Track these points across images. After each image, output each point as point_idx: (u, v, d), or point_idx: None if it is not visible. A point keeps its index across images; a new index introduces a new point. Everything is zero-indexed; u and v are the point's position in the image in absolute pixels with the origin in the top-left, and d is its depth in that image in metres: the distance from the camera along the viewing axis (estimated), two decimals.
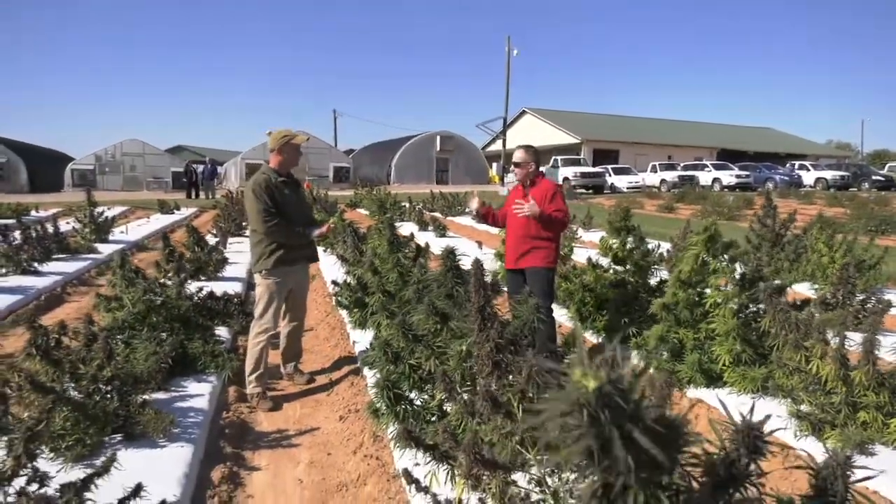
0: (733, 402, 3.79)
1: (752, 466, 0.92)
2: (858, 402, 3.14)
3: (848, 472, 1.05)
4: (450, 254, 3.04)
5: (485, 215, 4.70)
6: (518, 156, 4.53)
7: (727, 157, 41.97)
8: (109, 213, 12.95)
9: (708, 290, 4.28)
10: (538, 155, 4.67)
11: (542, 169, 4.67)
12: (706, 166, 33.57)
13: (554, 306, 6.06)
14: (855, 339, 3.29)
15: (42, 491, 2.11)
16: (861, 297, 5.38)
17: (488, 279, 3.17)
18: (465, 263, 3.66)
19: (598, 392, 0.66)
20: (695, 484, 0.91)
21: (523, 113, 50.07)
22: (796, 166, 34.58)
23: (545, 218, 4.29)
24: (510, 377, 2.61)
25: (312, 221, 4.48)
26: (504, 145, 37.30)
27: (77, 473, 2.73)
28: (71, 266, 8.43)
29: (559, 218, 4.36)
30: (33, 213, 16.39)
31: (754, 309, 4.17)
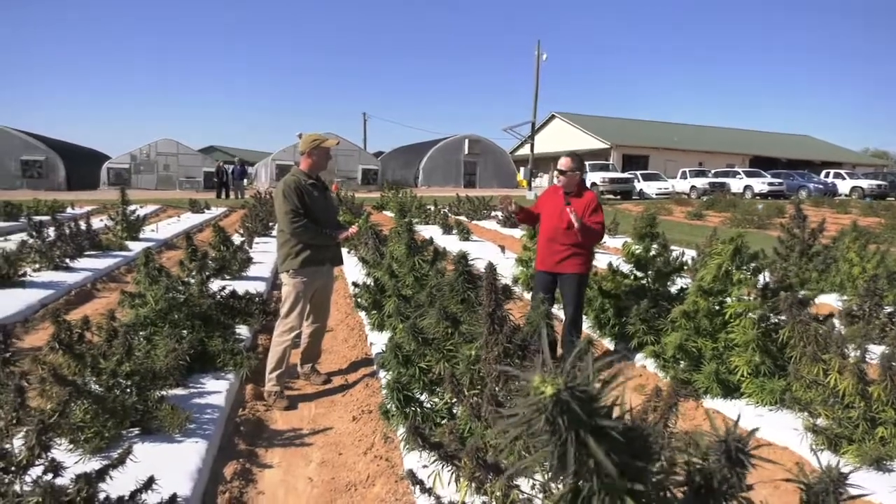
0: (750, 414, 3.74)
1: (735, 479, 0.91)
2: (877, 417, 3.07)
3: (840, 489, 1.03)
4: (462, 258, 3.06)
5: (520, 218, 4.80)
6: (564, 164, 4.54)
7: (760, 164, 41.23)
8: (141, 212, 13.25)
9: (729, 300, 4.23)
10: (583, 163, 4.72)
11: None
12: (738, 173, 33.04)
13: None
14: (878, 352, 3.22)
15: (56, 481, 2.18)
16: (889, 310, 5.25)
17: (504, 283, 3.18)
18: (480, 268, 3.67)
19: (556, 398, 0.67)
20: (679, 494, 0.91)
21: (552, 117, 49.84)
22: (831, 174, 33.83)
23: (585, 229, 4.38)
24: (518, 382, 2.62)
25: (338, 224, 4.54)
26: (532, 149, 37.25)
27: (95, 465, 2.80)
28: (102, 263, 8.64)
29: (598, 230, 4.48)
30: (69, 210, 16.85)
31: (775, 320, 4.11)
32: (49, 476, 2.20)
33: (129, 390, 3.32)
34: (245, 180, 29.42)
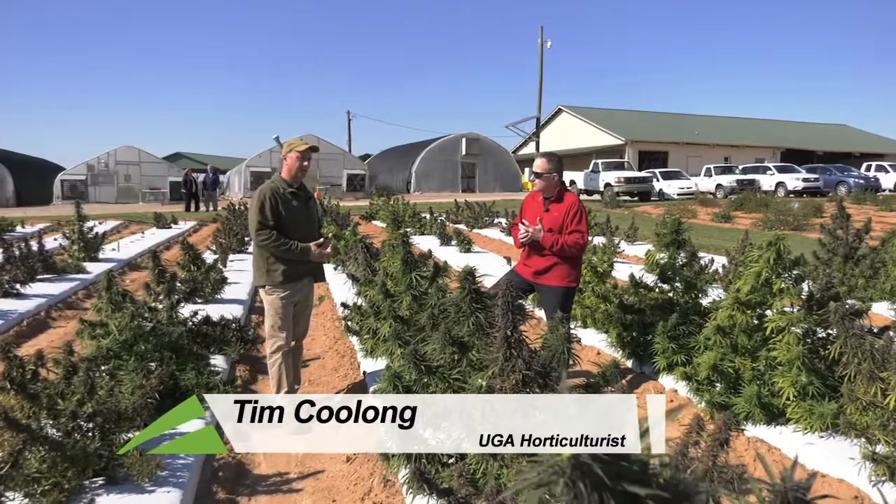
0: (799, 442, 3.69)
1: None
2: None
3: None
4: (468, 275, 3.01)
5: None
6: (539, 165, 4.56)
7: (793, 157, 41.41)
8: (100, 229, 13.20)
9: (769, 312, 4.19)
10: (562, 164, 4.70)
11: (577, 176, 4.70)
12: (768, 169, 33.13)
13: (592, 332, 6.03)
14: None
15: None
16: None
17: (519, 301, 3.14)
18: (487, 284, 3.63)
19: (575, 461, 0.64)
20: None
21: (559, 112, 50.06)
22: (873, 167, 33.95)
23: (554, 247, 4.40)
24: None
25: (320, 238, 4.55)
26: (537, 148, 37.33)
27: None
28: (57, 287, 8.57)
29: (572, 243, 4.43)
30: (19, 228, 16.78)
31: (823, 334, 4.07)
32: None
33: (91, 434, 3.26)
34: (217, 190, 29.37)
